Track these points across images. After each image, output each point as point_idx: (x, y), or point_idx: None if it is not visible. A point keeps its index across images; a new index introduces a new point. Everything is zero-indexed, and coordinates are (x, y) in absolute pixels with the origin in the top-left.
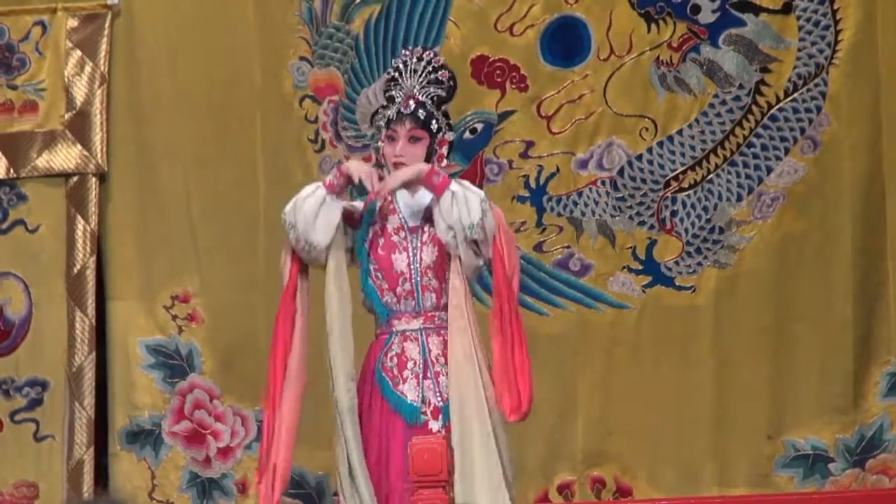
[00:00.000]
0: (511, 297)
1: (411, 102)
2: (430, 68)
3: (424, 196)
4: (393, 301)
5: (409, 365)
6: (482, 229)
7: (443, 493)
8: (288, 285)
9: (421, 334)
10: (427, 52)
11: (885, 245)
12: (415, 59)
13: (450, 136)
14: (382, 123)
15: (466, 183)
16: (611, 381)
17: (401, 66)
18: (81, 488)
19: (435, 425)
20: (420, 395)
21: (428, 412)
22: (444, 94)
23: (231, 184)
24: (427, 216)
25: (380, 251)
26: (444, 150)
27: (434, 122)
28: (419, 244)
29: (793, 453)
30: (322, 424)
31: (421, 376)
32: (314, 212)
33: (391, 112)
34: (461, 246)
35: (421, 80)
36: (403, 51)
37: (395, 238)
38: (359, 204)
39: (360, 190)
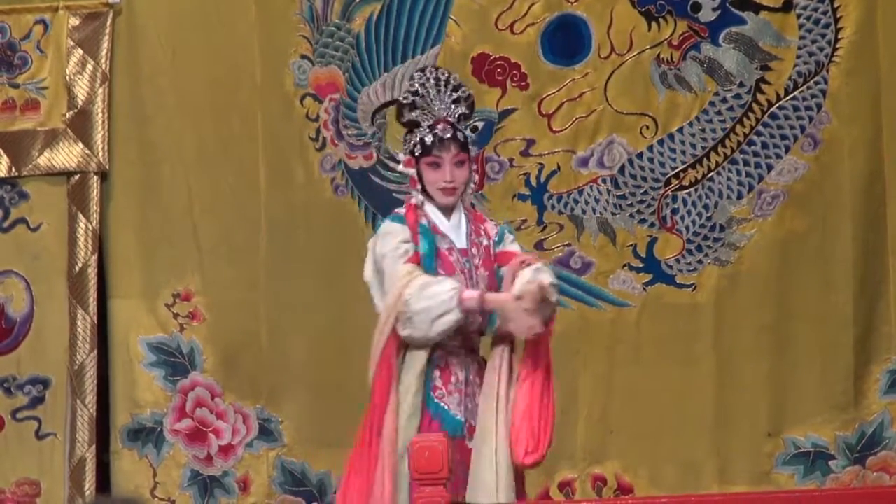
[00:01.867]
0: (549, 360)
1: (448, 127)
2: (450, 88)
3: (461, 219)
4: None
5: (453, 380)
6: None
7: (443, 490)
8: (385, 354)
9: (462, 352)
10: (441, 72)
11: (885, 242)
12: (432, 82)
13: (474, 150)
14: (415, 149)
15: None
16: (612, 379)
17: (419, 88)
18: (83, 486)
19: (470, 444)
20: (464, 411)
21: (467, 427)
22: (468, 111)
23: (232, 182)
24: (473, 241)
25: (440, 270)
26: (476, 167)
27: (469, 142)
28: (474, 267)
29: (793, 451)
30: (327, 423)
31: (463, 393)
32: (445, 331)
33: (427, 137)
34: None
35: (445, 101)
36: (415, 74)
37: (452, 258)
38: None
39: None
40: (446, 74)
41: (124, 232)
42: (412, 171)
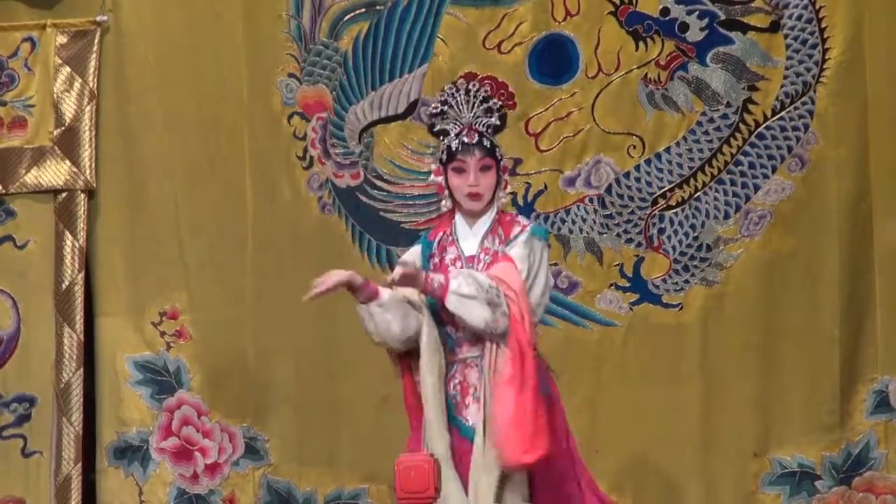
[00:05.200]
0: (529, 353)
1: (475, 133)
2: (479, 99)
3: (483, 226)
4: (452, 331)
5: (471, 391)
6: (498, 327)
7: None
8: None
9: (480, 360)
10: (472, 85)
11: (872, 263)
12: (462, 93)
13: (507, 162)
14: (442, 156)
15: (465, 285)
16: (598, 399)
17: (448, 99)
18: None
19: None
20: (482, 418)
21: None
22: (498, 122)
23: (219, 200)
24: (484, 247)
25: None
26: (507, 177)
27: (497, 150)
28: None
29: (779, 471)
30: (313, 442)
31: (482, 401)
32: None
33: (453, 144)
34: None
35: (475, 111)
36: (446, 87)
37: (452, 269)
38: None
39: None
40: (477, 87)
41: (111, 250)
42: (440, 180)
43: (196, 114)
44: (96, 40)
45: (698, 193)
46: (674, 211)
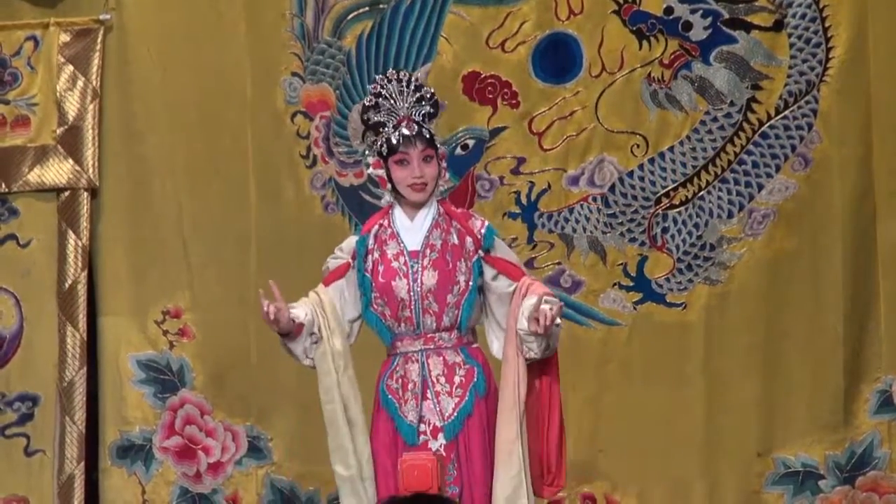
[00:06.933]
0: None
1: (413, 124)
2: (412, 88)
3: (425, 219)
4: (395, 325)
5: (410, 386)
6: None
7: None
8: None
9: (421, 355)
10: (402, 73)
11: (875, 262)
12: (394, 83)
13: (443, 149)
14: (382, 149)
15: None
16: (601, 398)
17: (381, 90)
18: (72, 503)
19: (434, 444)
20: (418, 416)
21: (427, 431)
22: (433, 110)
23: (222, 199)
24: (429, 243)
25: (380, 278)
26: (444, 164)
27: (435, 139)
28: (420, 269)
29: (783, 470)
30: (316, 442)
31: (420, 397)
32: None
33: (393, 136)
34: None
35: (409, 101)
36: (377, 78)
37: (395, 264)
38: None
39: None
40: (408, 75)
41: (114, 249)
42: (381, 173)
43: (199, 112)
44: (99, 39)
45: (702, 192)
46: (677, 210)
